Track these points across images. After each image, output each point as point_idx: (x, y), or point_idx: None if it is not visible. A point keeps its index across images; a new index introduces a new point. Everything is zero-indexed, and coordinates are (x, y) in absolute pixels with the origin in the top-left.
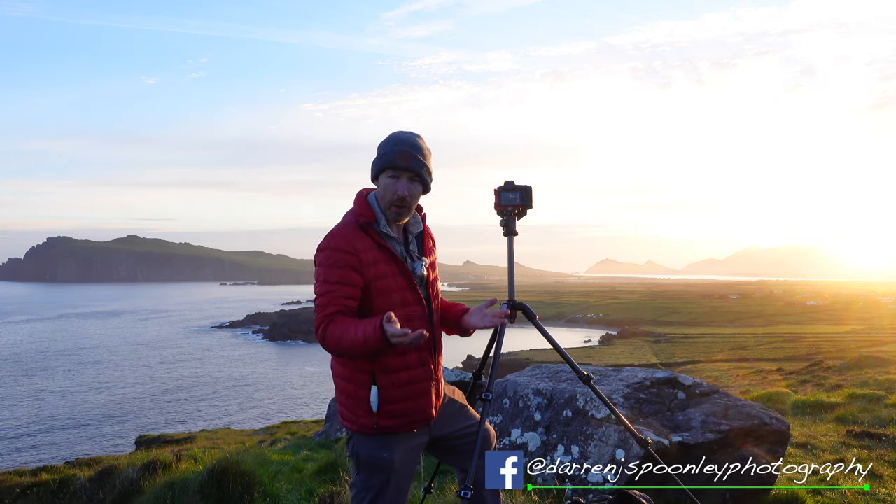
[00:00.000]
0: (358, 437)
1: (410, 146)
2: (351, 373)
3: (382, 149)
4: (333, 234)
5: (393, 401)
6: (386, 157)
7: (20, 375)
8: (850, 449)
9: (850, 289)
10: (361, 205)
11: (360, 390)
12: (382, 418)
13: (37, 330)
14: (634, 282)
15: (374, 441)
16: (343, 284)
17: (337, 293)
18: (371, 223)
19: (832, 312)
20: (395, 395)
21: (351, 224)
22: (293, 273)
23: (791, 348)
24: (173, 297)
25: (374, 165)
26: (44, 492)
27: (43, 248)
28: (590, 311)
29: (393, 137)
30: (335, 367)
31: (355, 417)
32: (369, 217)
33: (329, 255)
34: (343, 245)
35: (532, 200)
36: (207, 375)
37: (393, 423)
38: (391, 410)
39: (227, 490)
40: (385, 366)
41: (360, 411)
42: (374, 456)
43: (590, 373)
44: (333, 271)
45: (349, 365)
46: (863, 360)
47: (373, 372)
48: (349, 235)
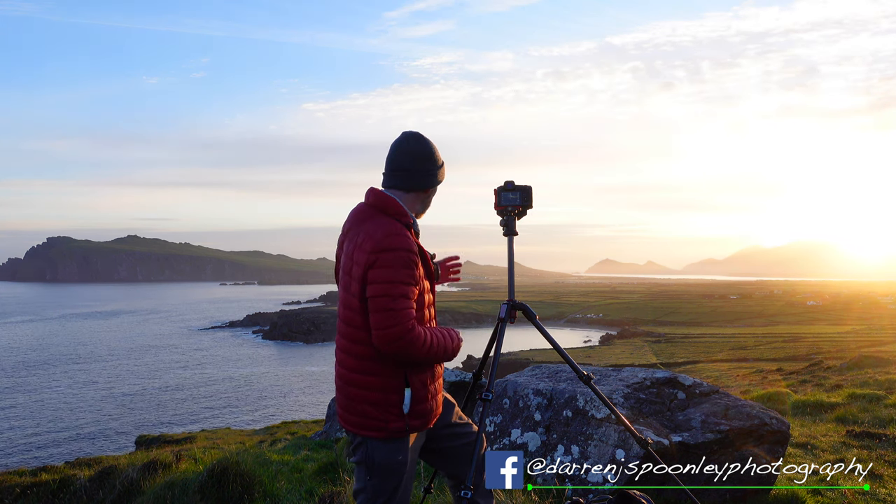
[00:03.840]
0: (373, 443)
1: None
2: (383, 380)
3: (439, 161)
4: (397, 233)
5: (421, 400)
6: (444, 170)
7: (20, 375)
8: (850, 449)
9: (850, 289)
10: (398, 205)
11: (392, 395)
12: (412, 419)
13: (37, 330)
14: (634, 282)
15: (391, 445)
16: (416, 286)
17: (413, 296)
18: (411, 224)
19: (832, 312)
20: (423, 393)
21: (402, 225)
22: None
23: (791, 348)
24: (173, 298)
25: (436, 175)
26: (44, 492)
27: (43, 248)
28: (590, 311)
29: (436, 149)
30: (356, 378)
31: (384, 424)
32: (409, 217)
33: (401, 255)
34: (412, 246)
35: (532, 200)
36: (207, 375)
37: (419, 422)
38: (418, 410)
39: (227, 490)
40: (416, 367)
41: (391, 416)
42: (389, 460)
43: (590, 373)
44: (408, 272)
45: (381, 373)
46: (863, 360)
47: (405, 375)
48: (408, 236)
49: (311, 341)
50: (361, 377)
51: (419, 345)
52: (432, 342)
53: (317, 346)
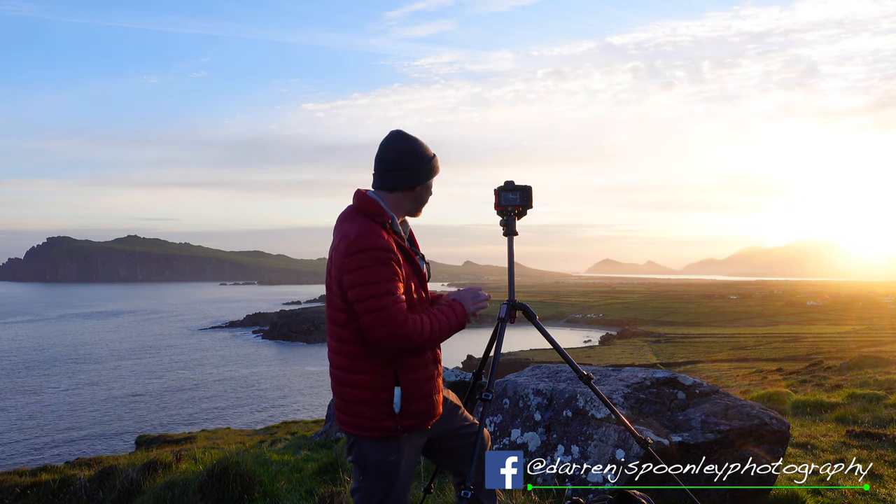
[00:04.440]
0: (366, 443)
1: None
2: (374, 378)
3: (429, 158)
4: (370, 232)
5: (413, 400)
6: (435, 167)
7: (20, 376)
8: (850, 449)
9: (850, 289)
10: (376, 205)
11: (382, 394)
12: (404, 419)
13: (37, 330)
14: (634, 282)
15: (383, 445)
16: (400, 282)
17: (398, 291)
18: (388, 223)
19: (832, 312)
20: (416, 393)
21: (377, 224)
22: (293, 273)
23: (791, 348)
24: (173, 298)
25: (426, 172)
26: (44, 492)
27: (43, 248)
28: (590, 311)
29: (427, 147)
30: (347, 377)
31: (376, 423)
32: (387, 217)
33: (376, 254)
34: (386, 244)
35: (532, 200)
36: (207, 375)
37: (412, 422)
38: (411, 410)
39: (227, 490)
40: (406, 365)
41: (382, 415)
42: (382, 460)
43: (590, 373)
44: (388, 269)
45: (372, 371)
46: (863, 360)
47: (395, 373)
48: (383, 235)
49: (311, 341)
50: (352, 376)
51: (417, 334)
52: (432, 325)
53: (317, 346)
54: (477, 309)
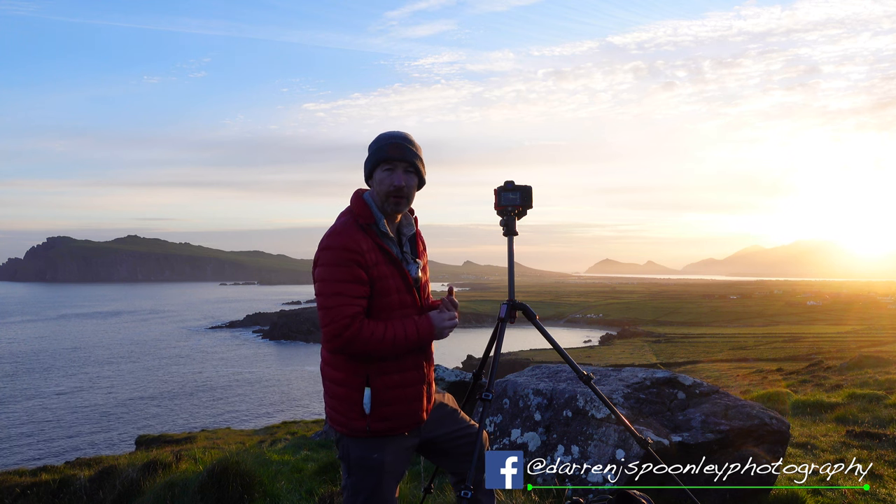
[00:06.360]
0: (348, 440)
1: (402, 139)
2: (346, 376)
3: (374, 146)
4: (336, 232)
5: (386, 403)
6: (379, 152)
7: (20, 376)
8: (850, 449)
9: (850, 289)
10: (360, 205)
11: (354, 393)
12: (375, 421)
13: (37, 330)
14: (634, 282)
15: (365, 443)
16: (355, 283)
17: (351, 293)
18: (371, 224)
19: (832, 312)
20: (389, 397)
21: (351, 224)
22: (293, 273)
23: (791, 348)
24: (173, 297)
25: (367, 164)
26: (44, 492)
27: (43, 248)
28: (590, 311)
29: (383, 135)
30: (327, 370)
31: (347, 420)
32: (369, 218)
33: (336, 253)
34: (349, 244)
35: (532, 200)
36: (207, 375)
37: (384, 425)
38: (384, 413)
39: (228, 490)
40: (380, 368)
41: (353, 414)
42: (365, 457)
43: (590, 373)
44: (343, 269)
45: (344, 368)
46: (863, 360)
47: (367, 375)
48: (353, 234)
49: (312, 341)
50: (331, 371)
51: (365, 339)
52: (386, 334)
53: (317, 345)
54: (445, 328)
